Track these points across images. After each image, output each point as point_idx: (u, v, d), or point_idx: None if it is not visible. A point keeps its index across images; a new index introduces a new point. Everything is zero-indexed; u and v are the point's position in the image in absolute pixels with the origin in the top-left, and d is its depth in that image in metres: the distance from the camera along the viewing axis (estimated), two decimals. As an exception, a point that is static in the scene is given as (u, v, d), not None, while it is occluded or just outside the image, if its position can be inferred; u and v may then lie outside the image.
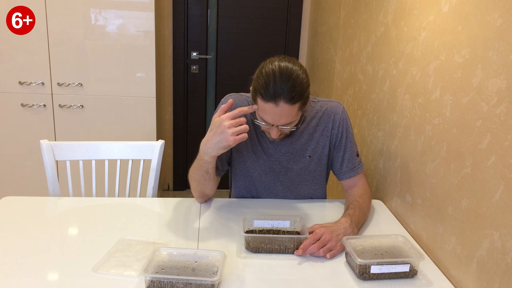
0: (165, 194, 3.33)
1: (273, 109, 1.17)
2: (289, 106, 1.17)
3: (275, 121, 1.21)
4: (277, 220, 1.23)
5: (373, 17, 1.78)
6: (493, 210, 0.94)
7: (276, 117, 1.20)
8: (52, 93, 2.53)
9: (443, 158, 1.17)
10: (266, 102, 1.17)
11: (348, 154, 1.43)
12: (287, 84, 1.15)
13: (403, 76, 1.44)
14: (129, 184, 1.70)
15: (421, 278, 1.07)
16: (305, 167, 1.45)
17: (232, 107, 1.26)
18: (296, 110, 1.20)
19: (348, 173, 1.44)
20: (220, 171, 1.41)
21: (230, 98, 1.38)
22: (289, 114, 1.20)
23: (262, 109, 1.21)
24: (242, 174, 1.48)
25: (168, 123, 3.24)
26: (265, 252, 1.15)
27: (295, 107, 1.18)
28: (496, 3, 0.95)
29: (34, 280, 1.00)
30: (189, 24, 3.09)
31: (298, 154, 1.43)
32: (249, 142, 1.41)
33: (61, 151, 1.62)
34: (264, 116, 1.22)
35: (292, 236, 1.16)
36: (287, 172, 1.45)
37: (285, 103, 1.16)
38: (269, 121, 1.22)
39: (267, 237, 1.15)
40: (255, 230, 1.20)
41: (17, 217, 1.31)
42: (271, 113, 1.19)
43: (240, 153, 1.44)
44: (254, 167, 1.44)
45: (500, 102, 0.93)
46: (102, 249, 1.11)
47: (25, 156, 2.59)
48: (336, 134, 1.42)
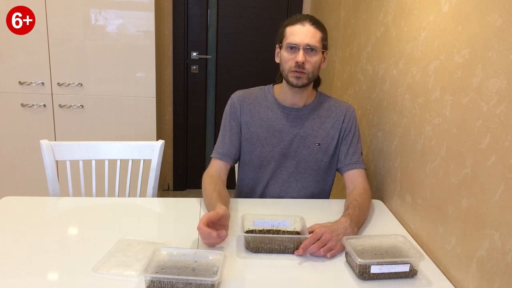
0: (165, 194, 3.33)
1: (300, 28, 1.38)
2: (314, 29, 1.38)
3: (302, 39, 1.37)
4: (277, 220, 1.23)
5: (373, 17, 1.78)
6: (493, 210, 0.94)
7: (303, 35, 1.37)
8: (52, 93, 2.53)
9: (443, 158, 1.17)
10: (294, 25, 1.39)
11: (352, 148, 1.51)
12: (309, 15, 1.43)
13: (403, 76, 1.44)
14: (129, 184, 1.70)
15: (421, 278, 1.07)
16: (313, 154, 1.50)
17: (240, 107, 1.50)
18: (318, 37, 1.39)
19: (351, 165, 1.49)
20: (232, 159, 1.52)
21: (239, 93, 1.53)
22: (314, 36, 1.37)
23: (290, 33, 1.39)
24: (249, 165, 1.53)
25: (168, 123, 3.24)
26: (265, 252, 1.15)
27: (317, 32, 1.39)
28: (496, 3, 0.95)
29: (34, 280, 1.00)
30: (189, 24, 3.09)
31: (308, 140, 1.50)
32: (260, 130, 1.50)
33: (61, 151, 1.62)
34: (292, 38, 1.38)
35: (292, 236, 1.16)
36: (295, 156, 1.50)
37: (310, 25, 1.38)
38: (297, 41, 1.37)
39: (267, 237, 1.15)
40: (255, 230, 1.20)
41: (17, 217, 1.31)
42: (298, 32, 1.37)
43: (250, 143, 1.51)
44: (263, 154, 1.50)
45: (500, 102, 0.93)
46: (102, 249, 1.11)
47: (25, 156, 2.59)
48: (345, 128, 1.51)
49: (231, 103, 1.52)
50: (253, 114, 1.50)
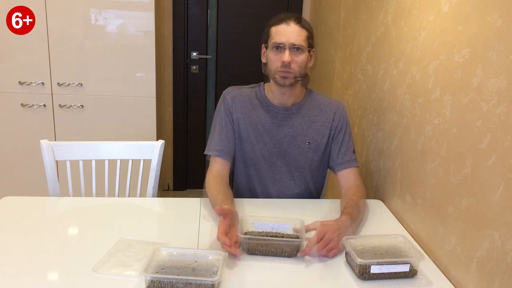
0: (165, 194, 3.33)
1: (285, 28, 1.36)
2: (299, 28, 1.36)
3: (288, 38, 1.35)
4: (277, 223, 1.21)
5: (373, 17, 1.78)
6: (493, 210, 0.94)
7: (288, 34, 1.35)
8: (52, 93, 2.53)
9: (443, 158, 1.17)
10: (279, 25, 1.38)
11: (344, 147, 1.50)
12: (295, 14, 1.42)
13: (403, 76, 1.44)
14: (129, 184, 1.70)
15: (421, 278, 1.07)
16: (304, 153, 1.50)
17: (232, 103, 1.49)
18: (304, 36, 1.37)
19: (343, 164, 1.48)
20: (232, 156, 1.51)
21: (231, 90, 1.53)
22: (299, 35, 1.36)
23: (275, 33, 1.37)
24: (241, 163, 1.52)
25: (168, 123, 3.24)
26: (261, 255, 1.13)
27: (303, 31, 1.37)
28: (496, 3, 0.95)
29: (34, 280, 1.00)
30: (189, 24, 3.09)
31: (298, 139, 1.49)
32: (250, 128, 1.49)
33: (61, 151, 1.62)
34: (277, 38, 1.37)
35: (289, 240, 1.13)
36: (285, 156, 1.50)
37: (295, 24, 1.36)
38: (282, 41, 1.35)
39: (264, 241, 1.13)
40: (254, 232, 1.19)
41: (17, 217, 1.31)
42: (283, 32, 1.36)
43: (240, 140, 1.50)
44: (253, 152, 1.50)
45: (500, 102, 0.93)
46: (102, 249, 1.11)
47: (25, 156, 2.59)
48: (336, 127, 1.50)
49: (224, 100, 1.51)
50: (244, 112, 1.49)
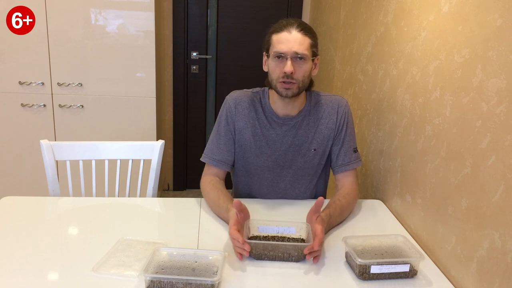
0: (165, 194, 3.33)
1: (286, 36, 1.28)
2: (301, 36, 1.28)
3: (289, 47, 1.28)
4: (282, 227, 1.19)
5: (373, 17, 1.78)
6: (493, 210, 0.94)
7: (290, 43, 1.28)
8: (52, 93, 2.53)
9: (443, 158, 1.17)
10: (280, 33, 1.29)
11: (344, 148, 1.45)
12: (297, 20, 1.33)
13: (403, 76, 1.44)
14: (129, 184, 1.70)
15: (421, 278, 1.07)
16: (310, 160, 1.45)
17: (235, 110, 1.43)
18: (307, 44, 1.29)
19: (343, 166, 1.45)
20: (230, 166, 1.47)
21: (234, 96, 1.46)
22: (302, 43, 1.28)
23: (277, 41, 1.30)
24: (244, 171, 1.49)
25: (168, 123, 3.24)
26: (268, 260, 1.12)
27: (306, 39, 1.29)
28: (496, 3, 0.95)
29: (34, 280, 1.00)
30: (189, 24, 3.09)
31: (304, 147, 1.44)
32: (252, 138, 1.43)
33: (61, 151, 1.62)
34: (278, 47, 1.29)
35: (296, 244, 1.12)
36: (291, 165, 1.46)
37: (298, 31, 1.28)
38: (283, 50, 1.28)
39: (270, 244, 1.11)
40: (260, 237, 1.17)
41: (17, 217, 1.31)
42: (285, 41, 1.28)
43: (243, 150, 1.45)
44: (257, 163, 1.45)
45: (500, 102, 0.93)
46: (102, 249, 1.11)
47: (25, 156, 2.59)
48: (338, 125, 1.44)
49: (227, 107, 1.45)
50: (247, 120, 1.43)
